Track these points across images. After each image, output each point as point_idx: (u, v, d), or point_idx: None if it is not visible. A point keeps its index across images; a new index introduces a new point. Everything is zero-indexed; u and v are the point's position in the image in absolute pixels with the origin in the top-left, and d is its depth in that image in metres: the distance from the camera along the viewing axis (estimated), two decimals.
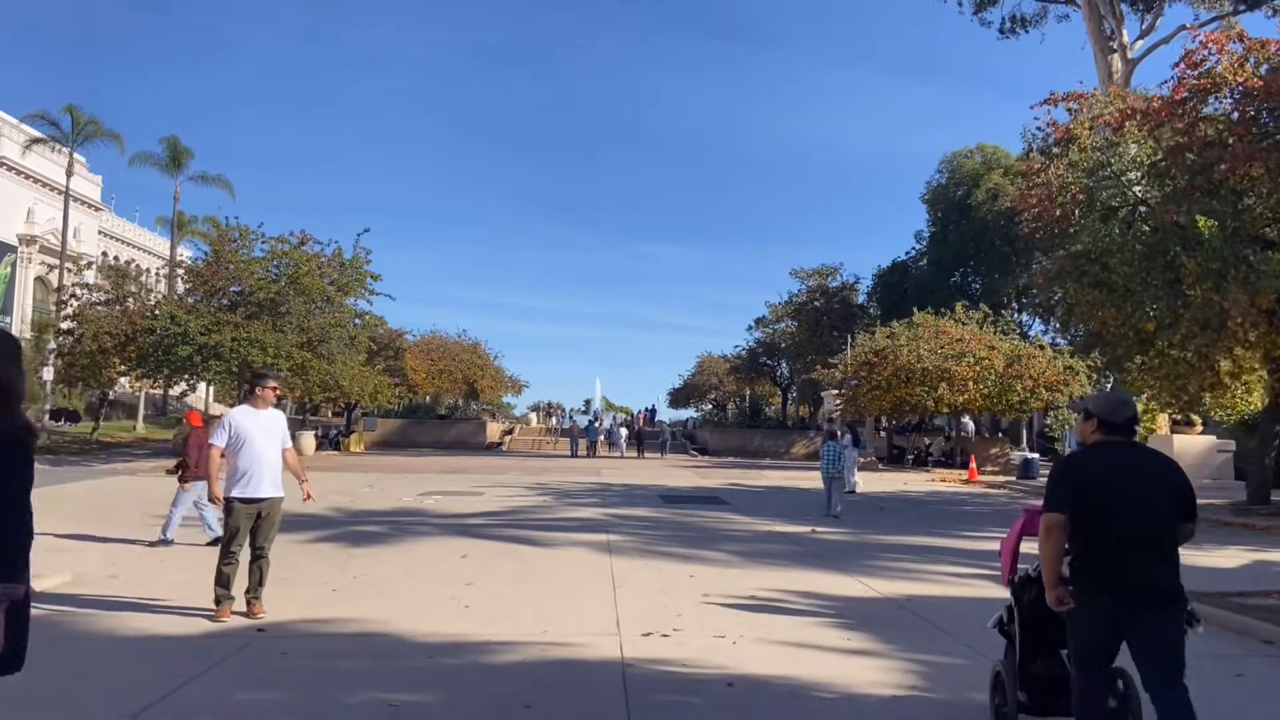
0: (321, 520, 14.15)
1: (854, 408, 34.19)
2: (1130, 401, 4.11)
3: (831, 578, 9.78)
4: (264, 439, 7.22)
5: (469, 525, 13.82)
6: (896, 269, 56.73)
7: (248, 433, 7.18)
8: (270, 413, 7.46)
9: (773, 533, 13.73)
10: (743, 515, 16.25)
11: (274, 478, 7.26)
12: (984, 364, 31.07)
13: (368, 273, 31.93)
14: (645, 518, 15.53)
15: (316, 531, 12.70)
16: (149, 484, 20.88)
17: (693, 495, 20.75)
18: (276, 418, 7.48)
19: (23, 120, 47.97)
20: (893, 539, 13.29)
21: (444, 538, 12.34)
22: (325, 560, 10.27)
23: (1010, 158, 51.86)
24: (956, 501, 21.37)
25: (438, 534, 12.70)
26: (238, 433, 7.19)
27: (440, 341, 58.25)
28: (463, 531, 12.98)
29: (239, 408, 7.58)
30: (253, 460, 7.14)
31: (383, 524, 13.77)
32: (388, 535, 12.47)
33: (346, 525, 13.61)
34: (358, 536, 12.30)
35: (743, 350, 61.18)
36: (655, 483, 24.76)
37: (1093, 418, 4.03)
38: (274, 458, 7.26)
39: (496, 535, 12.59)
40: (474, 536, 12.44)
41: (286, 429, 7.56)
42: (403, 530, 13.04)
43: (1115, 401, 4.09)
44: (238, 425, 7.22)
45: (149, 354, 27.41)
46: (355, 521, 14.09)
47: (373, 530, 13.04)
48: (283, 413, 7.95)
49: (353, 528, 13.32)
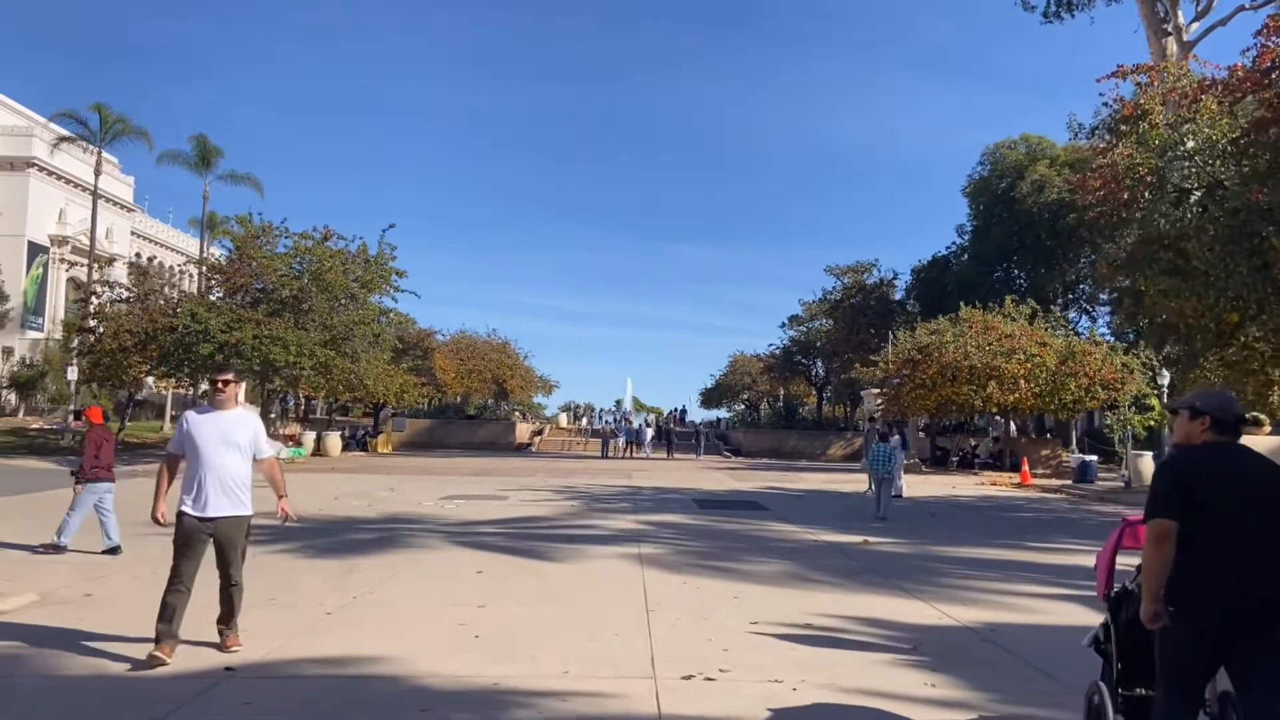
0: (332, 527, 13.15)
1: (896, 407, 32.71)
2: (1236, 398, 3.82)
3: (897, 600, 8.54)
4: (219, 446, 5.99)
5: (488, 534, 12.75)
6: (936, 264, 55.04)
7: (200, 438, 5.99)
8: (235, 414, 6.23)
9: (820, 543, 12.49)
10: (785, 523, 15.02)
11: (233, 492, 6.03)
12: (1035, 361, 29.48)
13: (393, 269, 31.12)
14: (679, 526, 14.35)
15: (323, 540, 11.68)
16: None
17: (729, 500, 19.55)
18: (242, 421, 6.21)
19: (51, 119, 47.91)
20: (956, 551, 11.99)
21: (460, 549, 11.26)
22: (325, 575, 9.22)
23: (1056, 148, 49.99)
24: (1012, 507, 19.94)
25: (454, 544, 11.63)
26: (188, 437, 6.03)
27: (469, 341, 57.59)
28: (481, 542, 11.89)
29: (197, 408, 6.51)
30: (203, 470, 5.94)
31: (396, 532, 12.73)
32: (400, 545, 11.41)
33: (357, 533, 12.59)
34: (367, 546, 11.26)
35: (777, 349, 59.76)
36: (688, 486, 23.58)
37: (1201, 415, 3.68)
38: (232, 468, 6.02)
39: (517, 546, 11.48)
40: (492, 548, 11.35)
41: (259, 433, 6.31)
42: (417, 539, 11.99)
43: (1226, 397, 3.85)
44: (189, 428, 6.07)
45: (170, 352, 26.76)
46: (367, 529, 13.07)
47: (385, 539, 12.00)
48: (254, 414, 6.66)
49: (363, 536, 12.30)
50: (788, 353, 58.66)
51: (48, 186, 58.35)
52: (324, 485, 20.92)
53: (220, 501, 5.96)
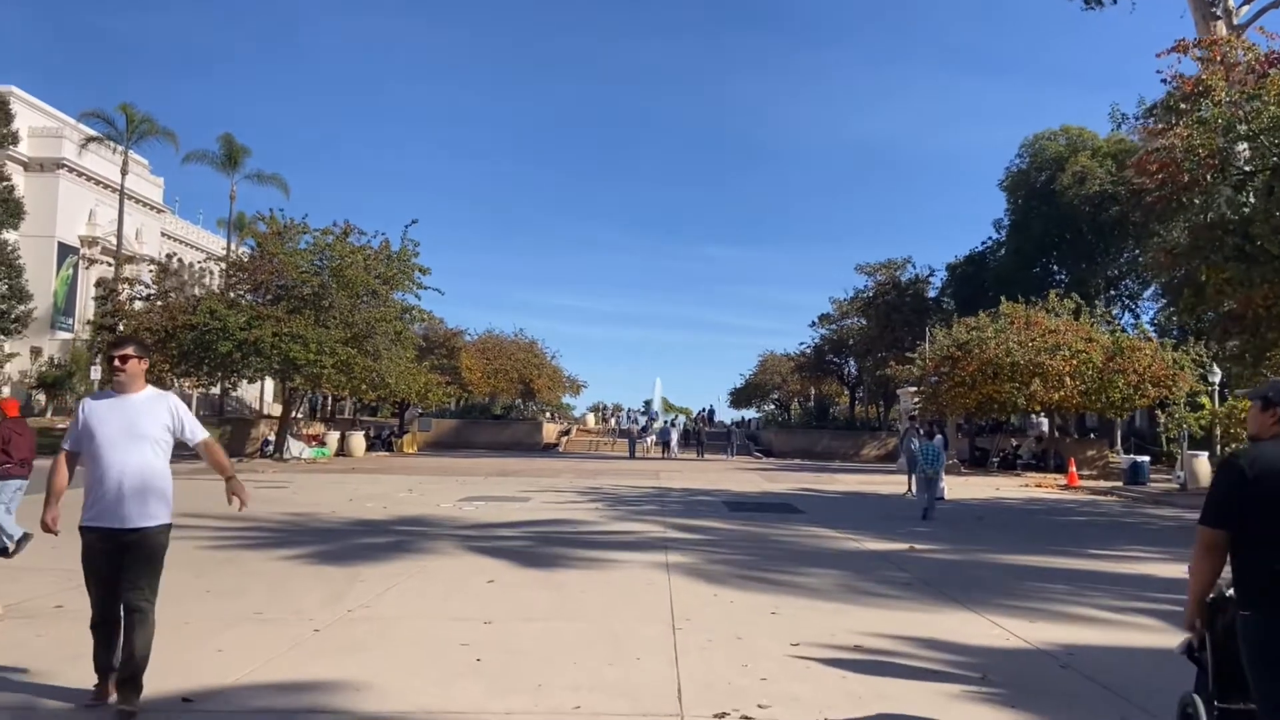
0: (340, 530, 12.44)
1: (934, 406, 31.53)
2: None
3: (957, 617, 7.60)
4: (123, 440, 4.71)
5: (505, 539, 11.94)
6: (972, 261, 53.73)
7: (98, 430, 4.74)
8: (143, 398, 4.86)
9: (864, 551, 11.54)
10: (823, 527, 14.08)
11: (142, 497, 4.69)
12: (1081, 358, 28.20)
13: (416, 265, 30.51)
14: (710, 530, 13.47)
15: (328, 545, 10.94)
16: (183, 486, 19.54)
17: (762, 503, 18.63)
18: (151, 405, 4.84)
19: (79, 119, 48.04)
20: (1013, 559, 10.99)
21: (473, 555, 10.46)
22: (323, 584, 8.46)
23: (1097, 139, 48.45)
24: (1062, 510, 18.81)
25: (467, 550, 10.84)
26: (86, 429, 4.79)
27: (496, 340, 57.11)
28: (496, 547, 11.09)
29: (94, 394, 5.46)
30: (104, 470, 4.69)
31: (409, 536, 11.98)
32: (410, 551, 10.64)
33: (367, 537, 11.85)
34: (375, 551, 10.50)
35: (808, 348, 58.60)
36: (718, 488, 22.68)
37: (1274, 406, 3.42)
38: (142, 466, 4.70)
39: (534, 553, 10.66)
40: (508, 554, 10.54)
41: (180, 414, 4.92)
42: (429, 544, 11.21)
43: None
44: (86, 418, 4.82)
45: (190, 351, 26.32)
46: (378, 532, 12.33)
47: (395, 543, 11.24)
48: (172, 395, 5.10)
49: (373, 540, 11.55)
50: (819, 351, 57.51)
51: (77, 187, 58.67)
52: (342, 486, 20.30)
53: (126, 509, 4.66)
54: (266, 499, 16.70)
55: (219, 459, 5.20)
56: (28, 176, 55.70)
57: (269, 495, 17.50)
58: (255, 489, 19.95)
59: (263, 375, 27.45)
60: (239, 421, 32.60)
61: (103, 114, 45.95)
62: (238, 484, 5.11)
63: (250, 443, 30.67)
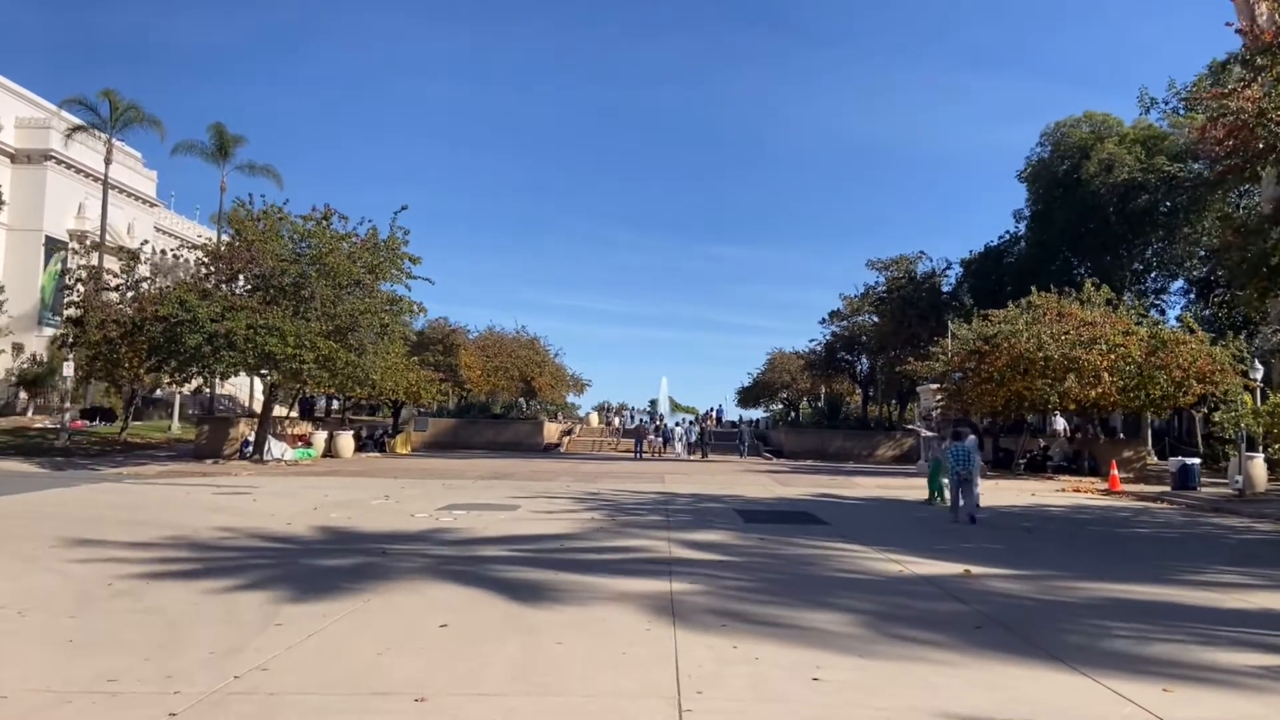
0: (286, 550, 10.51)
1: (958, 404, 29.47)
2: None
3: (1062, 681, 5.62)
4: None
5: (480, 560, 10.00)
6: (990, 254, 51.68)
7: None
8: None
9: (910, 576, 9.56)
10: (853, 542, 12.11)
11: None
12: (1120, 352, 26.12)
13: (405, 254, 28.56)
14: (721, 547, 11.51)
15: (262, 570, 9.00)
16: (134, 493, 17.70)
17: (778, 511, 16.66)
18: None
19: (61, 106, 46.22)
20: (1093, 588, 8.99)
21: (434, 583, 8.52)
22: (227, 629, 6.53)
23: (1123, 126, 46.29)
24: (1116, 520, 16.77)
25: (429, 576, 8.89)
26: None
27: (496, 337, 55.29)
28: (465, 572, 9.14)
29: None
30: None
31: (365, 556, 10.05)
32: (358, 578, 8.70)
33: (315, 557, 9.93)
34: (315, 579, 8.58)
35: (819, 345, 56.56)
36: (728, 493, 20.74)
37: None
38: None
39: (508, 581, 8.72)
40: (477, 582, 8.60)
41: None
42: (386, 568, 9.28)
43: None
44: None
45: (159, 344, 24.43)
46: (330, 551, 10.41)
47: (343, 566, 9.31)
48: None
49: (321, 562, 9.63)
50: (830, 348, 55.45)
51: (66, 180, 57.04)
52: (313, 492, 18.40)
53: None
54: (219, 508, 14.82)
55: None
56: (14, 169, 54.04)
57: (225, 504, 15.62)
58: (212, 496, 18.07)
59: (236, 371, 25.49)
60: (217, 421, 30.72)
61: (85, 100, 44.11)
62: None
63: (229, 443, 28.79)
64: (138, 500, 15.97)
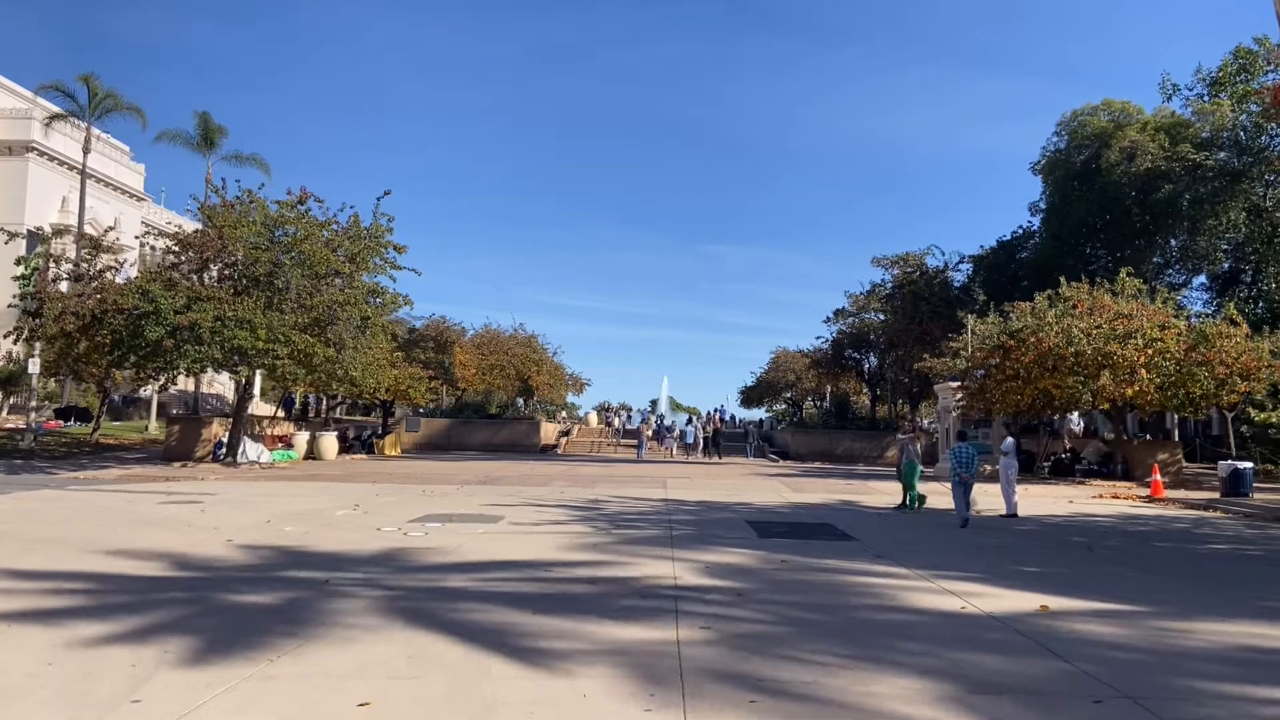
0: (205, 579, 8.63)
1: (980, 403, 27.56)
2: None
3: None
4: None
5: (441, 593, 8.13)
6: (1003, 249, 49.91)
7: None
8: None
9: (977, 615, 7.67)
10: (891, 564, 10.24)
11: None
12: (1157, 346, 24.21)
13: (390, 243, 26.68)
14: (737, 572, 9.64)
15: (159, 611, 7.12)
16: (70, 502, 15.71)
17: (795, 523, 14.78)
18: None
19: (37, 93, 44.40)
20: (1211, 631, 7.10)
21: (374, 629, 6.65)
22: (64, 708, 4.67)
23: (1144, 113, 44.37)
24: (1180, 534, 14.86)
25: (372, 617, 7.03)
26: None
27: (493, 335, 53.50)
28: (419, 611, 7.27)
29: None
30: None
31: (300, 588, 8.19)
32: (278, 621, 6.85)
33: (236, 590, 8.06)
34: (223, 624, 6.72)
35: (825, 343, 54.64)
36: (737, 500, 18.89)
37: None
38: None
39: (471, 625, 6.85)
40: (430, 626, 6.73)
41: None
42: (319, 609, 7.41)
43: None
44: None
45: (122, 338, 22.59)
46: (260, 581, 8.54)
47: (267, 605, 7.45)
48: None
49: (239, 598, 7.76)
50: (837, 346, 53.53)
51: (48, 172, 55.29)
52: (275, 500, 16.54)
53: None
54: (156, 521, 12.96)
55: None
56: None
57: (166, 515, 13.75)
58: (155, 506, 15.81)
59: (203, 366, 23.62)
60: (189, 421, 28.83)
61: (62, 86, 42.29)
62: None
63: (201, 445, 26.92)
64: (68, 511, 14.11)
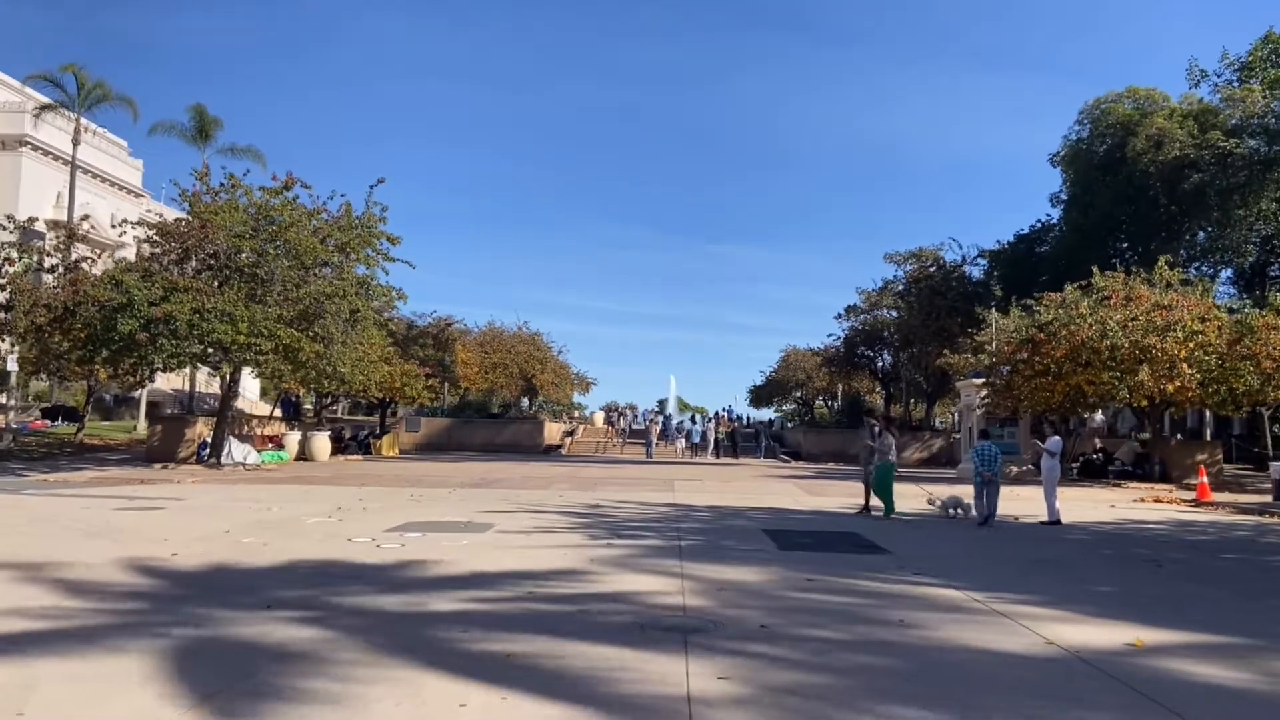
0: (116, 609, 7.20)
1: (1008, 400, 26.03)
2: None
3: None
4: None
5: (402, 620, 6.68)
6: (1021, 242, 48.38)
7: None
8: None
9: (1060, 655, 6.18)
10: (937, 582, 8.77)
11: None
12: (1199, 340, 22.67)
13: (383, 233, 25.30)
14: (758, 595, 8.19)
15: (24, 649, 5.69)
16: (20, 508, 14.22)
17: (818, 532, 13.33)
18: None
19: (25, 83, 43.23)
20: None
21: (291, 692, 5.22)
22: None
23: (1169, 100, 42.72)
24: (1247, 544, 13.30)
25: (298, 667, 5.59)
26: None
27: (496, 333, 52.18)
28: (388, 645, 5.83)
29: None
30: None
31: (227, 623, 6.77)
32: (172, 673, 5.42)
33: (148, 623, 6.64)
34: (89, 675, 5.30)
35: (837, 340, 53.11)
36: (751, 504, 17.48)
37: None
38: None
39: (432, 664, 5.41)
40: (372, 674, 5.29)
41: None
42: (241, 652, 5.99)
43: None
44: None
45: (95, 332, 21.26)
46: (185, 609, 7.12)
47: (176, 645, 6.02)
48: None
49: (140, 640, 6.33)
50: (850, 343, 51.98)
51: (43, 167, 54.20)
52: (247, 506, 15.15)
53: None
54: (102, 531, 11.55)
55: None
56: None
57: (118, 524, 12.36)
58: (110, 513, 13.91)
59: (181, 362, 22.26)
60: (172, 420, 27.49)
61: (51, 76, 41.07)
62: None
63: (185, 445, 25.58)
64: (10, 519, 12.75)
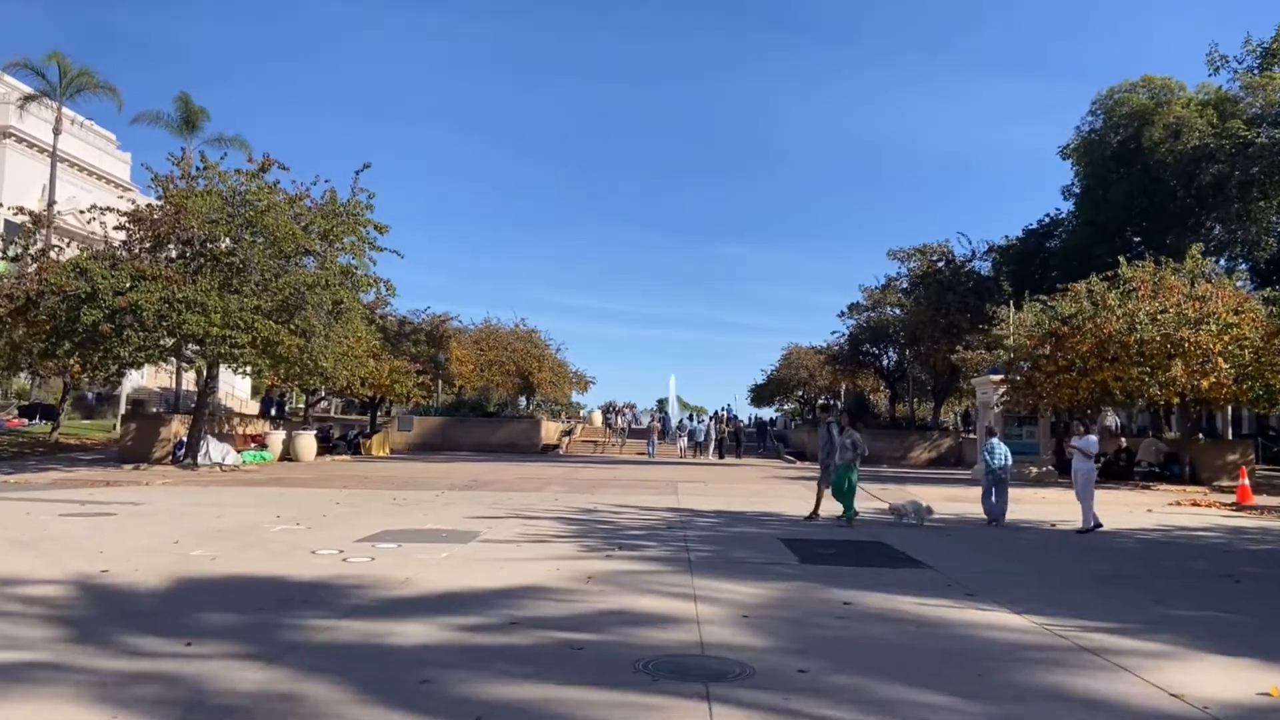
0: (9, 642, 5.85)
1: (1029, 398, 24.70)
2: None
3: None
4: None
5: (368, 657, 5.32)
6: (1030, 238, 47.10)
7: None
8: None
9: (1185, 713, 4.87)
10: (994, 606, 7.44)
11: None
12: (1233, 333, 21.37)
13: (369, 221, 23.95)
14: (784, 621, 6.86)
15: None
16: None
17: (841, 541, 12.01)
18: None
19: (5, 70, 41.85)
20: None
21: None
22: None
23: (1186, 89, 41.41)
24: None
25: (229, 716, 4.26)
26: None
27: (492, 330, 50.91)
28: (328, 695, 4.48)
29: None
30: None
31: (149, 653, 5.43)
32: None
33: (37, 664, 5.30)
34: None
35: (841, 338, 51.80)
36: (762, 509, 16.19)
37: None
38: None
39: None
40: None
41: None
42: (158, 692, 4.64)
43: None
44: None
45: (59, 323, 19.92)
46: (72, 651, 5.78)
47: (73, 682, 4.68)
48: None
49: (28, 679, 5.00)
50: (854, 341, 50.66)
51: (27, 159, 52.97)
52: (207, 511, 13.81)
53: None
54: (35, 540, 10.20)
55: None
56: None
57: (56, 531, 10.99)
58: (51, 519, 12.01)
59: (149, 356, 20.87)
60: (146, 418, 26.10)
61: (31, 64, 39.63)
62: None
63: (159, 445, 24.21)
64: None
